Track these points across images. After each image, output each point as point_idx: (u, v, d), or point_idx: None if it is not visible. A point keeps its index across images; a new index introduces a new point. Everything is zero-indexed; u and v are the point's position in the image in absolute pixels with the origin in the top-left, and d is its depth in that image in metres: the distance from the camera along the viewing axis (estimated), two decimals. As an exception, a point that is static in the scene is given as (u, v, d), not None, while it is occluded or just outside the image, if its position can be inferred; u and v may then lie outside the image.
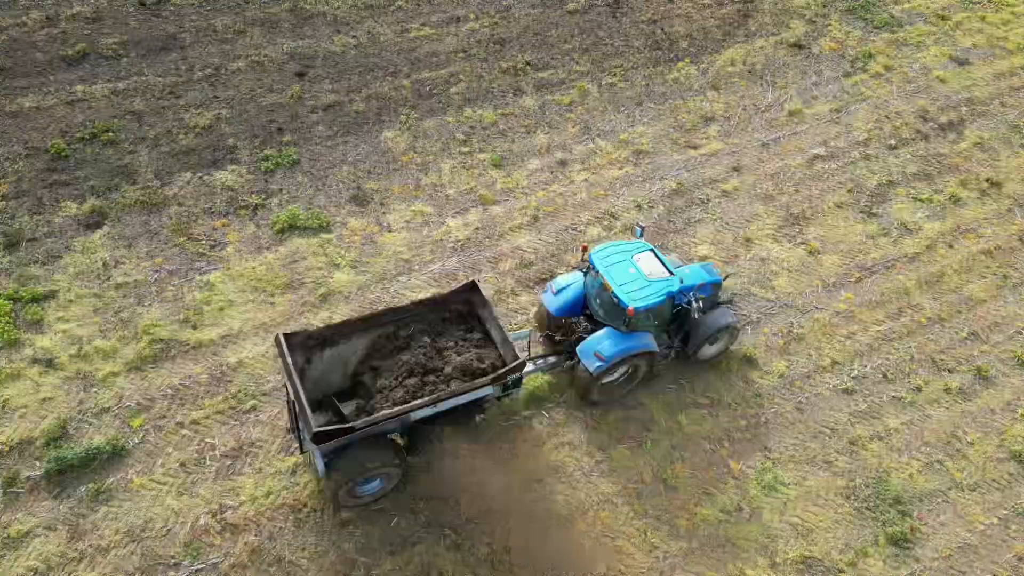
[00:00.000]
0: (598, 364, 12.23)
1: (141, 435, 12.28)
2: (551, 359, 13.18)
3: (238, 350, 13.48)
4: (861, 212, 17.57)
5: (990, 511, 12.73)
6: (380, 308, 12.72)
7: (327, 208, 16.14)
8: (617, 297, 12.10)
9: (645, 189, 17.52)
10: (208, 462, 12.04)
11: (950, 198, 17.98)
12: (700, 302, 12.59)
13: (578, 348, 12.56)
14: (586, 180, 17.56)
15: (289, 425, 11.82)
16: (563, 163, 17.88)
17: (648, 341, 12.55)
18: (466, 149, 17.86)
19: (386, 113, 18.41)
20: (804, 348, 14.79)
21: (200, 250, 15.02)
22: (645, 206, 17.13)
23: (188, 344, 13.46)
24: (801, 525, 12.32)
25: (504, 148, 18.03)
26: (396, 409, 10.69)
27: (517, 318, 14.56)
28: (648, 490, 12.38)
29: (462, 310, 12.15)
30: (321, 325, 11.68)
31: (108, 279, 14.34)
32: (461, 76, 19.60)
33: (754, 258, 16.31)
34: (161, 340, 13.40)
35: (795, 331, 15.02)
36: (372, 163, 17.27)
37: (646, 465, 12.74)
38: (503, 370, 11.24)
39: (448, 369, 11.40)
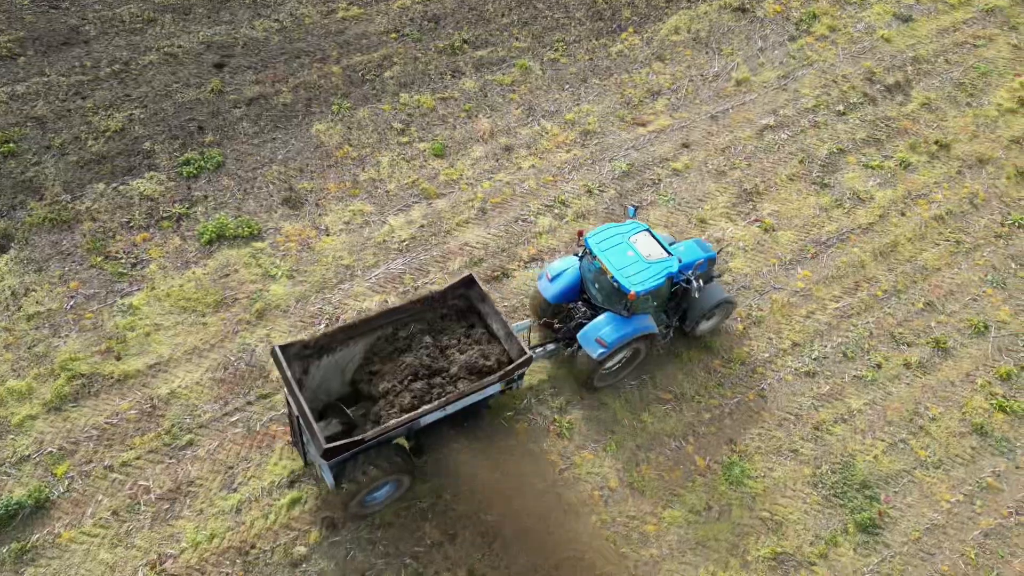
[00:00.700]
0: (601, 350, 11.98)
1: (66, 483, 11.30)
2: (550, 347, 12.82)
3: (169, 379, 12.50)
4: (814, 184, 17.22)
5: (955, 488, 12.69)
6: (375, 311, 12.01)
7: (258, 214, 15.05)
8: (617, 282, 11.84)
9: (595, 172, 16.84)
10: (143, 507, 11.15)
11: (900, 163, 17.75)
12: (700, 280, 12.43)
13: (579, 335, 12.26)
14: (533, 166, 16.79)
15: (292, 438, 11.27)
16: (508, 149, 17.05)
17: (649, 323, 12.36)
18: (405, 139, 16.88)
19: (316, 104, 17.25)
20: (764, 332, 14.46)
21: (120, 270, 13.85)
22: (596, 191, 16.47)
23: (112, 377, 12.42)
24: (771, 519, 12.09)
25: (445, 135, 17.09)
26: (406, 417, 10.27)
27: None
28: (615, 496, 11.97)
29: (460, 306, 11.76)
30: (318, 334, 11.01)
31: (18, 310, 13.13)
32: (395, 59, 18.48)
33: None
34: (82, 375, 12.32)
35: (754, 314, 14.67)
36: (304, 160, 16.17)
37: (611, 469, 12.31)
38: (511, 367, 10.86)
39: (454, 369, 11.04)
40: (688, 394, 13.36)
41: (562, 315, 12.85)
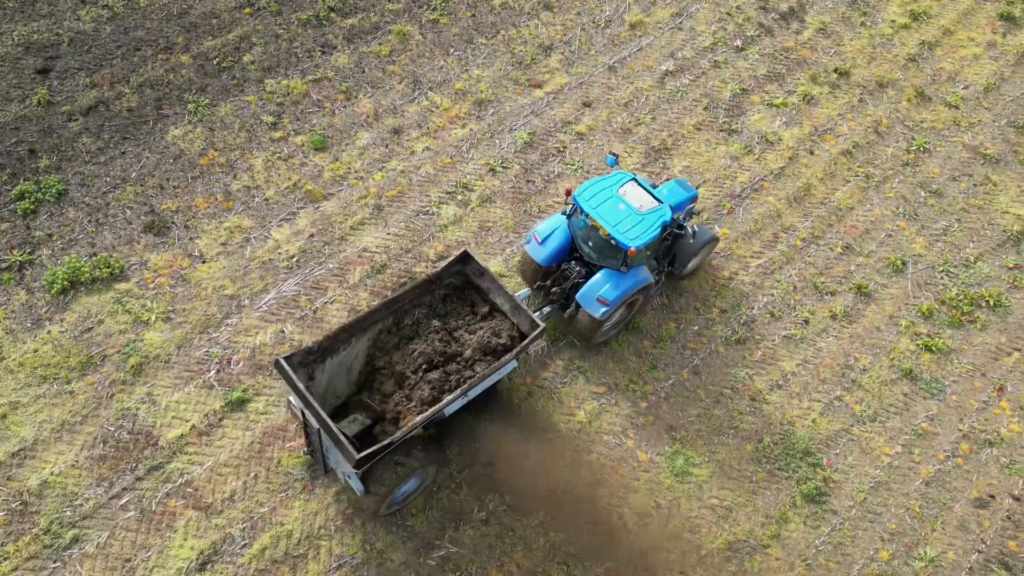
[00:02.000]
0: (604, 309, 11.86)
1: (-64, 616, 9.76)
2: (546, 310, 12.49)
3: (38, 467, 10.85)
4: (721, 131, 16.51)
5: (892, 439, 12.68)
6: (375, 304, 11.27)
7: (117, 248, 13.14)
8: (615, 239, 11.65)
9: (495, 147, 15.56)
10: (35, 626, 9.76)
11: (803, 98, 17.22)
12: (694, 227, 12.50)
13: (578, 296, 12.06)
14: (428, 148, 15.34)
15: (307, 448, 10.88)
16: (397, 132, 15.49)
17: (646, 274, 12.37)
18: (278, 134, 15.05)
19: (168, 104, 15.10)
20: (690, 302, 13.89)
21: (-40, 342, 11.84)
22: (499, 168, 15.24)
23: (-29, 477, 10.70)
24: (720, 506, 11.77)
25: (324, 124, 15.35)
26: (431, 411, 9.97)
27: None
28: (562, 514, 11.31)
29: (457, 283, 11.43)
30: (320, 337, 10.34)
31: None
32: (253, 39, 16.35)
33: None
34: (-68, 481, 10.56)
35: (678, 285, 14.05)
36: (163, 175, 14.19)
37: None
38: (527, 341, 10.63)
39: (468, 352, 10.78)
40: (621, 384, 12.73)
41: (554, 276, 12.48)
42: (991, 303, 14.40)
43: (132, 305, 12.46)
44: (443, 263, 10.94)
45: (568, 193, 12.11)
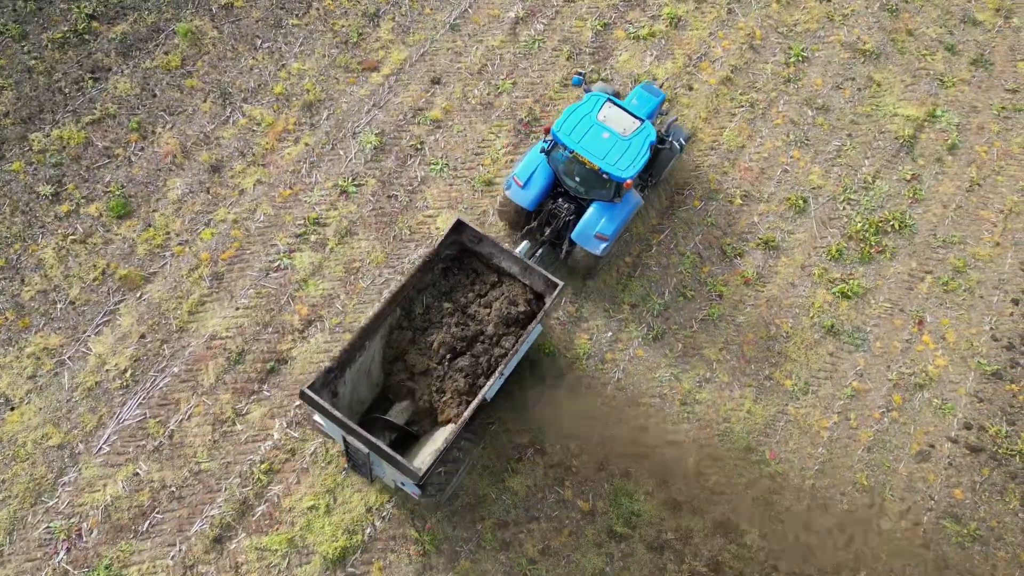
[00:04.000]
0: (604, 245, 11.59)
1: None
2: (539, 253, 11.91)
3: None
4: (591, 83, 14.58)
5: (828, 408, 12.18)
6: (381, 303, 10.42)
7: None
8: (607, 173, 11.29)
9: (340, 160, 13.16)
10: None
11: (670, 22, 15.42)
12: (681, 140, 12.41)
13: (573, 236, 11.64)
14: (260, 182, 12.78)
15: (348, 464, 10.41)
16: (216, 168, 12.78)
17: (637, 196, 12.05)
18: (63, 207, 12.10)
19: (-91, 199, 11.74)
20: (597, 304, 12.54)
21: None
22: (352, 188, 12.95)
23: None
24: (675, 539, 10.96)
25: (121, 179, 12.45)
26: (475, 403, 9.55)
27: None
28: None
29: (453, 254, 10.93)
30: (337, 354, 9.72)
31: None
32: None
33: (493, 193, 13.11)
34: None
35: (582, 287, 12.61)
36: (-69, 300, 11.16)
37: (496, 569, 10.45)
38: (549, 303, 10.29)
39: (489, 329, 10.45)
40: (545, 429, 11.43)
41: (541, 217, 11.93)
42: (896, 225, 13.80)
43: (-67, 495, 9.91)
44: (440, 240, 10.52)
45: (547, 131, 11.55)
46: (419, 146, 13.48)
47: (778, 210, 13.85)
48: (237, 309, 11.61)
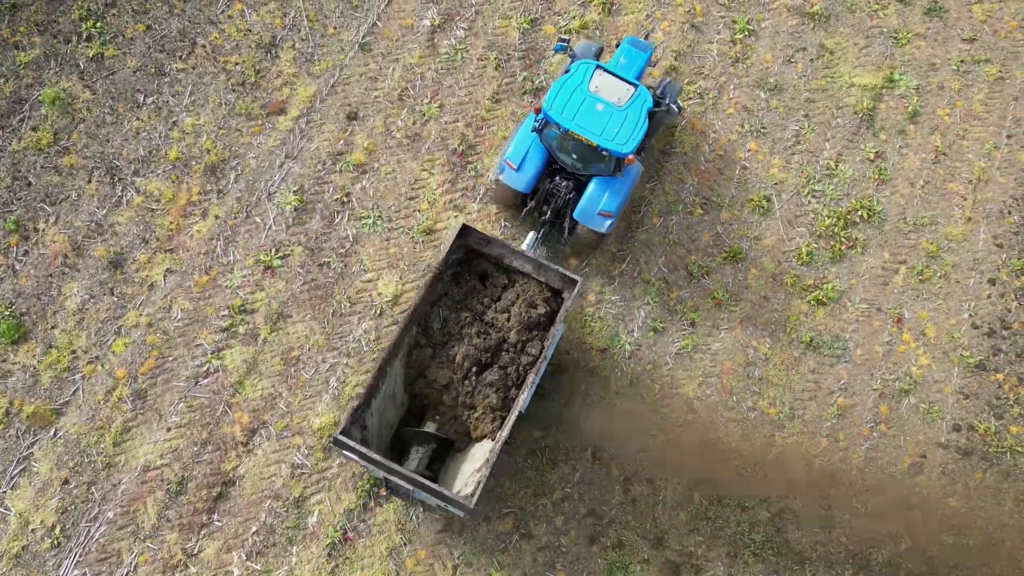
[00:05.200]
0: (609, 222, 11.29)
1: None
2: (542, 234, 11.52)
3: None
4: (525, 94, 13.20)
5: (815, 433, 11.64)
6: (396, 327, 10.31)
7: None
8: (608, 149, 10.87)
9: (259, 230, 11.73)
10: None
11: (602, 8, 13.99)
12: (677, 103, 11.80)
13: (576, 215, 11.27)
14: (170, 271, 11.33)
15: (387, 491, 10.24)
16: (117, 263, 11.31)
17: (638, 164, 11.63)
18: (-51, 336, 10.49)
19: None
20: (567, 353, 11.59)
21: None
22: (277, 262, 11.59)
23: None
24: (675, 602, 10.51)
25: (7, 296, 10.92)
26: (511, 419, 9.43)
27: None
28: None
29: (462, 259, 10.62)
30: (361, 391, 9.48)
31: None
32: None
33: (436, 243, 11.91)
34: None
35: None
36: None
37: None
38: (569, 301, 10.09)
39: (512, 336, 10.23)
40: (528, 507, 10.69)
41: (538, 198, 11.53)
42: (864, 215, 13.02)
43: None
44: (447, 247, 10.15)
45: (537, 111, 11.03)
46: (345, 198, 12.06)
47: (741, 215, 12.91)
48: (169, 430, 10.37)
